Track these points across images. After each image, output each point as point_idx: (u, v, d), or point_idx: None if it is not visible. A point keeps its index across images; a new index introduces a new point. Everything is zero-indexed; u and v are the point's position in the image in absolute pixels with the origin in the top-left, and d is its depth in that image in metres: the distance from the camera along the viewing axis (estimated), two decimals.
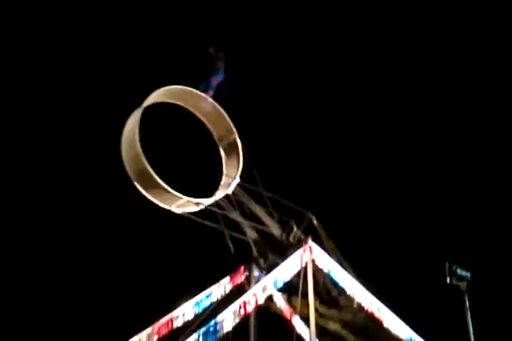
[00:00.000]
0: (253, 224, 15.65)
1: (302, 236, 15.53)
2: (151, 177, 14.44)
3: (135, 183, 14.83)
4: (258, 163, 16.17)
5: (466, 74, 27.34)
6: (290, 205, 15.87)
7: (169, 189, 14.59)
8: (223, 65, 16.87)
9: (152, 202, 14.97)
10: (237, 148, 16.24)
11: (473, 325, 14.87)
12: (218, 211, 15.40)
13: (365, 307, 15.16)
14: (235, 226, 15.69)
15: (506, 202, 25.45)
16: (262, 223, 15.76)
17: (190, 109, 16.46)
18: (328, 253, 15.23)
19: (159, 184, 14.50)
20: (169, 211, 15.08)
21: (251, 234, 15.75)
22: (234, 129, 16.41)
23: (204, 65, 16.84)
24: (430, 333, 16.46)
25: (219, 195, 15.62)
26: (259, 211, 15.84)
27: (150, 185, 14.71)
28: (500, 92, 27.36)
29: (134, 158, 14.69)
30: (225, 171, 16.34)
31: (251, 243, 15.64)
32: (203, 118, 16.61)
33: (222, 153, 16.62)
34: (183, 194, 14.91)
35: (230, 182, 15.79)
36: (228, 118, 16.50)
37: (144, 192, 14.88)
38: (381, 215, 24.76)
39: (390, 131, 27.58)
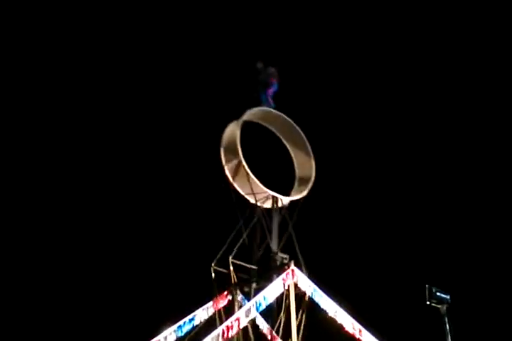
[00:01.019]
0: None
1: (286, 261, 15.96)
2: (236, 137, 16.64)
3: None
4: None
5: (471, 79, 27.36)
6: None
7: (238, 142, 16.49)
8: (275, 77, 17.76)
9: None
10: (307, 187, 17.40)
11: None
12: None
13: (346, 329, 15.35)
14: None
15: (487, 226, 25.69)
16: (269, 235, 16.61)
17: (280, 136, 18.20)
18: None
19: (236, 141, 16.59)
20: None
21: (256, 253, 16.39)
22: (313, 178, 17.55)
23: (256, 81, 17.85)
24: None
25: (267, 192, 16.91)
26: (275, 227, 16.77)
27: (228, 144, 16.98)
28: (500, 95, 27.40)
29: (232, 136, 16.90)
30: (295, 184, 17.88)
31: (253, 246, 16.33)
32: (291, 151, 18.30)
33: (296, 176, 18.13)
34: None
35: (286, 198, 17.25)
36: (313, 166, 17.75)
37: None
38: (363, 238, 24.96)
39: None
